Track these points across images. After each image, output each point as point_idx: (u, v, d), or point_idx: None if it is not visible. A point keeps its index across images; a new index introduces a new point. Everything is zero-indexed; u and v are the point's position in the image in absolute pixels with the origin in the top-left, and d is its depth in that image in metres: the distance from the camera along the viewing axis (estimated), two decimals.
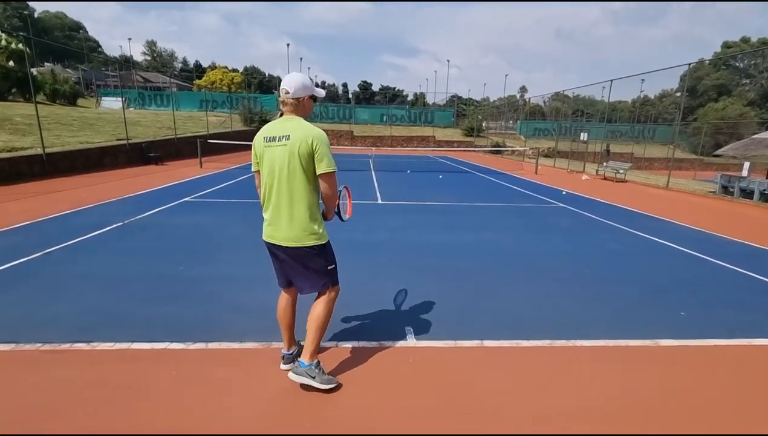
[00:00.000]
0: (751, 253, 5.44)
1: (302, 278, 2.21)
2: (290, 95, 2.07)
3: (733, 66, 48.16)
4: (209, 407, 2.07)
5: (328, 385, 2.20)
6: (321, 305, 2.23)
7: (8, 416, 1.96)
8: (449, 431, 1.97)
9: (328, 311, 2.24)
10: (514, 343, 2.82)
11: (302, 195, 2.06)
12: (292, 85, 2.06)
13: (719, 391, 2.37)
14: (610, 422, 2.06)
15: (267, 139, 2.10)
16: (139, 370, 2.36)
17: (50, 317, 2.95)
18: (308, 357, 2.20)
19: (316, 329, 2.20)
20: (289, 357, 2.39)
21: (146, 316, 3.02)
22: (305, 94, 2.10)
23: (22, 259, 4.11)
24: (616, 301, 3.63)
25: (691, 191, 12.38)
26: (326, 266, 2.19)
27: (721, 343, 2.93)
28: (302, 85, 2.08)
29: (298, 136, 2.01)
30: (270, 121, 2.20)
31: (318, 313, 2.21)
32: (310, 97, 2.14)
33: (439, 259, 4.69)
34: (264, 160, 2.12)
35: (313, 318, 2.22)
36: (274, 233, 2.14)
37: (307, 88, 2.10)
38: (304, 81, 2.10)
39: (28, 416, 1.96)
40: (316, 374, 2.18)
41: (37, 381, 2.23)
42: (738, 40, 47.24)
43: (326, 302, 2.23)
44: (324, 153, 2.03)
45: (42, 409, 2.01)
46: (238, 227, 5.82)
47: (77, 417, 1.97)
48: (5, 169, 9.08)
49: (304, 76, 2.14)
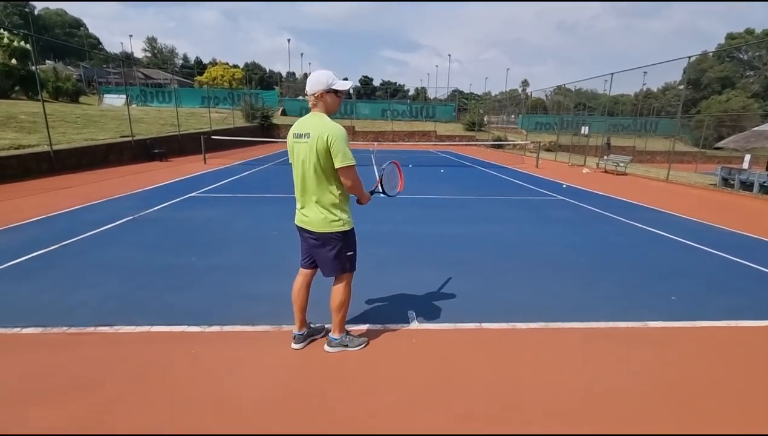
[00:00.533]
0: (745, 242, 5.57)
1: (324, 260, 2.41)
2: (308, 92, 2.25)
3: (738, 58, 47.78)
4: (228, 379, 2.25)
5: (360, 346, 2.59)
6: (339, 289, 2.45)
7: (43, 390, 2.14)
8: (448, 404, 2.13)
9: (346, 293, 2.49)
10: (510, 325, 2.98)
11: (325, 186, 2.26)
12: (309, 82, 2.24)
13: (703, 368, 2.52)
14: (596, 395, 2.22)
15: (296, 136, 2.29)
16: (161, 349, 2.54)
17: (73, 303, 3.13)
18: (337, 332, 2.56)
19: (339, 310, 2.50)
20: (300, 337, 2.57)
21: (163, 302, 3.19)
22: (320, 89, 2.20)
23: (41, 250, 4.29)
24: (609, 287, 3.78)
25: (690, 184, 12.46)
26: (346, 252, 2.39)
27: (707, 324, 3.08)
28: (316, 81, 2.20)
29: (316, 133, 2.17)
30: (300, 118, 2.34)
31: (338, 298, 2.46)
32: (329, 92, 2.22)
33: (441, 249, 4.84)
34: (294, 154, 2.32)
35: (335, 303, 2.47)
36: (303, 218, 2.35)
37: (322, 84, 2.19)
38: (319, 77, 2.20)
39: (62, 390, 2.14)
40: (348, 342, 2.57)
41: (66, 360, 2.41)
42: (742, 31, 46.84)
43: (344, 285, 2.46)
44: (339, 148, 2.16)
45: (74, 384, 2.19)
46: (243, 221, 5.98)
47: (107, 389, 2.15)
48: (14, 166, 9.27)
49: (322, 72, 2.21)
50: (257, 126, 27.70)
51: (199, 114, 26.62)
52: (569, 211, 7.46)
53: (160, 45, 64.89)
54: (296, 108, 35.40)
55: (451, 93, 47.45)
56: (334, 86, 2.22)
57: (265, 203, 7.30)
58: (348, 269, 2.44)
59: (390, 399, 2.15)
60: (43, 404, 2.03)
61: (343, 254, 2.37)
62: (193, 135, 18.30)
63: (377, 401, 2.13)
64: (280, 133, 28.86)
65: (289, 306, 2.56)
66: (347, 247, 2.38)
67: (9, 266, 3.86)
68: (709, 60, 44.86)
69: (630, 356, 2.64)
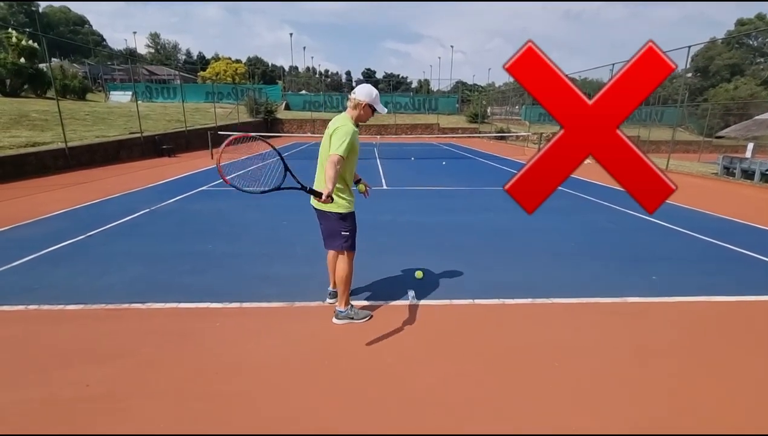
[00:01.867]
0: (731, 228, 5.81)
1: (326, 236, 2.82)
2: (354, 95, 2.66)
3: (747, 44, 46.97)
4: (248, 346, 2.59)
5: (365, 318, 2.91)
6: (340, 265, 2.80)
7: (91, 354, 2.49)
8: (440, 365, 2.45)
9: (347, 269, 2.80)
10: (500, 301, 3.29)
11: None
12: (359, 90, 2.67)
13: (672, 334, 2.82)
14: (574, 354, 2.53)
15: (327, 128, 2.70)
16: (189, 322, 2.89)
17: (106, 285, 3.48)
18: (343, 305, 2.89)
19: (341, 284, 2.83)
20: (333, 293, 3.09)
21: (186, 283, 3.54)
22: (364, 100, 2.64)
23: (70, 240, 4.65)
24: (594, 269, 4.07)
25: (691, 173, 12.60)
26: (341, 231, 2.73)
27: (682, 300, 3.36)
28: (365, 93, 2.66)
29: (333, 124, 2.62)
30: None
31: (340, 273, 2.81)
32: (368, 106, 2.66)
33: (439, 236, 5.15)
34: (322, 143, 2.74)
35: (337, 277, 2.83)
36: (313, 200, 2.69)
37: (367, 96, 2.64)
38: (369, 91, 2.66)
39: (106, 354, 2.49)
40: (354, 314, 2.89)
41: (107, 331, 2.76)
42: (753, 17, 45.97)
43: (344, 261, 2.80)
44: (338, 138, 2.53)
45: (118, 350, 2.54)
46: (253, 213, 6.31)
47: (145, 352, 2.50)
48: (33, 163, 9.67)
49: (372, 89, 2.68)
50: (261, 121, 28.00)
51: (204, 109, 26.95)
52: (565, 200, 7.70)
53: (163, 41, 65.18)
54: (299, 102, 35.59)
55: (454, 84, 47.32)
56: (373, 103, 2.68)
57: (273, 196, 7.55)
58: (344, 247, 2.76)
59: (389, 361, 2.47)
60: (94, 364, 2.38)
61: (338, 232, 2.73)
62: (200, 131, 18.64)
63: (379, 363, 2.45)
64: (284, 128, 29.16)
65: (299, 286, 3.15)
66: (342, 227, 2.72)
67: (45, 252, 4.23)
68: (718, 47, 44.15)
69: (605, 322, 2.94)
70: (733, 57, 43.89)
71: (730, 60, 43.46)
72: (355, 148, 2.68)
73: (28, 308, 3.05)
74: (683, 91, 22.65)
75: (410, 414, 2.01)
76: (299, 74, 54.68)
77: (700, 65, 44.40)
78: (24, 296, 3.22)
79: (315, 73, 60.59)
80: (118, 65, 42.68)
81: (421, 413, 2.02)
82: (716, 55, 43.84)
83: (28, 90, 22.87)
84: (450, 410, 2.05)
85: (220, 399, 2.10)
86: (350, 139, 2.54)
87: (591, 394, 2.18)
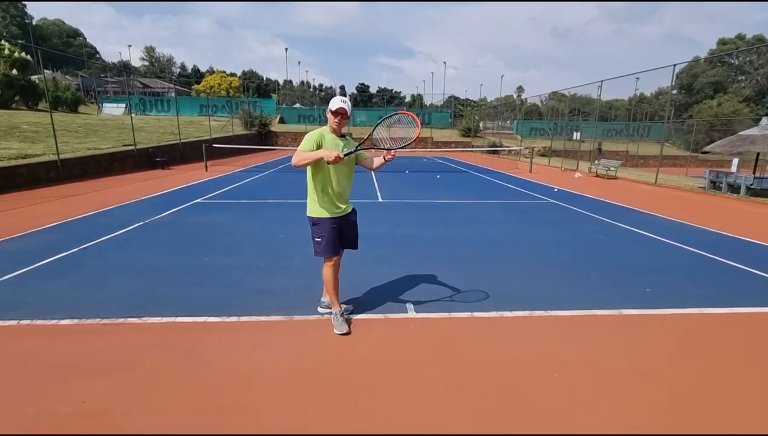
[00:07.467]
0: (719, 240, 5.95)
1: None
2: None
3: (729, 63, 48.78)
4: (248, 360, 2.57)
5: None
6: (323, 269, 2.99)
7: (85, 369, 2.44)
8: (440, 377, 2.46)
9: (324, 273, 2.97)
10: (498, 314, 3.31)
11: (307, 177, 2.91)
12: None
13: (667, 347, 2.87)
14: (574, 366, 2.55)
15: None
16: (187, 336, 2.85)
17: (102, 298, 3.43)
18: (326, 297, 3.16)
19: (325, 288, 3.06)
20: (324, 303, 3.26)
21: (184, 297, 3.51)
22: (328, 110, 2.85)
23: (63, 253, 4.59)
24: (589, 281, 4.13)
25: (679, 187, 12.90)
26: (314, 237, 2.94)
27: (676, 312, 3.43)
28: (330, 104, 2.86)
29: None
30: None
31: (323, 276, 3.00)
32: (330, 112, 2.85)
33: (436, 249, 5.18)
34: None
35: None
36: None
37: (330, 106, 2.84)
38: (332, 101, 2.83)
39: (102, 369, 2.44)
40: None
41: (103, 345, 2.72)
42: (734, 37, 47.91)
43: (324, 266, 2.97)
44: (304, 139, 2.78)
45: (111, 364, 2.50)
46: (249, 225, 6.30)
47: (145, 368, 2.46)
48: (24, 175, 9.57)
49: (334, 98, 2.87)
50: (255, 134, 28.09)
51: (198, 122, 27.00)
52: (558, 213, 7.84)
53: (158, 54, 65.51)
54: (294, 116, 35.84)
55: (446, 99, 48.16)
56: (330, 108, 2.83)
57: (268, 209, 7.63)
58: (317, 252, 2.93)
59: (390, 374, 2.47)
60: (89, 378, 2.34)
61: (312, 238, 2.93)
62: (194, 143, 18.63)
63: (380, 376, 2.45)
64: (278, 141, 29.25)
65: (298, 299, 3.23)
66: (314, 233, 2.91)
67: (38, 266, 4.17)
68: (701, 65, 45.78)
69: (604, 336, 2.98)
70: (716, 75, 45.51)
71: (714, 78, 45.05)
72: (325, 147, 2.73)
73: (20, 322, 2.99)
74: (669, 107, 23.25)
75: (411, 427, 2.01)
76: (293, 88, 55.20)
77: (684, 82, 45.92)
78: (17, 310, 3.17)
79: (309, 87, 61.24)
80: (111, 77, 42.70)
81: (422, 425, 2.02)
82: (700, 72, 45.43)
83: (19, 102, 22.72)
84: (451, 422, 2.05)
85: (221, 413, 2.07)
86: (310, 138, 2.73)
87: (592, 405, 2.20)
